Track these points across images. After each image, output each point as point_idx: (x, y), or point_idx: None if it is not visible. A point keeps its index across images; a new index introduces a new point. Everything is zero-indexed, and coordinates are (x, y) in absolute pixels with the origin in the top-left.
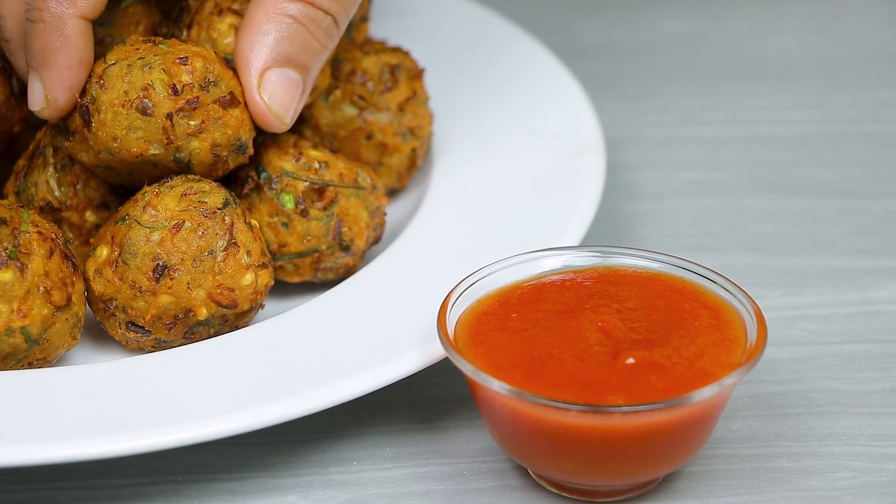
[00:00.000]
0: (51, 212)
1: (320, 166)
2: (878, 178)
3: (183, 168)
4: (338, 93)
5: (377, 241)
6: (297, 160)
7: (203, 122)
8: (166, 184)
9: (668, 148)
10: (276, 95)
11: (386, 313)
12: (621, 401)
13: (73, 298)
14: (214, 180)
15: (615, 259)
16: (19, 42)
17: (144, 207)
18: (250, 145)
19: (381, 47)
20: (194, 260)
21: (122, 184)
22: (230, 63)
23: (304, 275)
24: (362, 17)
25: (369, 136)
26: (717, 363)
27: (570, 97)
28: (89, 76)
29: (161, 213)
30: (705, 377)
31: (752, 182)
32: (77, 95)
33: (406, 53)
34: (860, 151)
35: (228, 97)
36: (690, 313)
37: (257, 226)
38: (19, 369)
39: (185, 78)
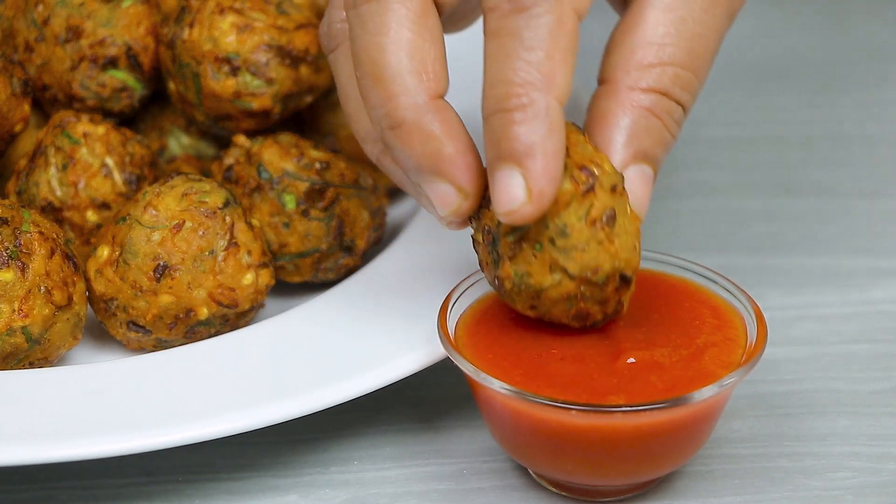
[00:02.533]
0: (52, 211)
1: (321, 167)
2: (878, 178)
3: None
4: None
5: (378, 241)
6: (298, 160)
7: None
8: (167, 183)
9: None
10: (635, 193)
11: (386, 313)
12: (622, 400)
13: (74, 298)
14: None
15: None
16: (414, 127)
17: (145, 207)
18: None
19: None
20: (195, 260)
21: None
22: (232, 61)
23: (304, 275)
24: None
25: None
26: (718, 363)
27: (569, 97)
28: None
29: (162, 212)
30: (706, 377)
31: (753, 182)
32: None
33: None
34: (861, 152)
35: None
36: (691, 312)
37: (258, 226)
38: (20, 369)
39: None
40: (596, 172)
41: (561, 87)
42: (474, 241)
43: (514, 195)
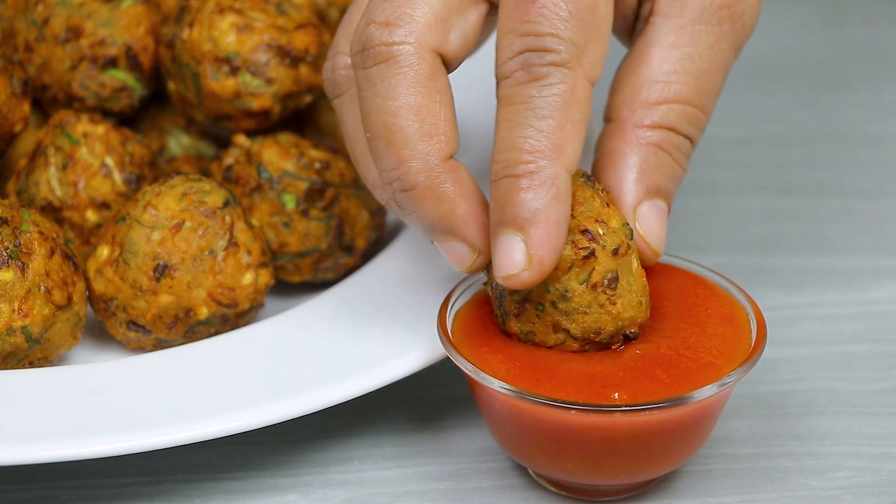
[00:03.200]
0: (52, 211)
1: (321, 166)
2: (878, 177)
3: None
4: None
5: (378, 241)
6: (298, 160)
7: None
8: (167, 183)
9: None
10: (651, 230)
11: (386, 313)
12: (624, 394)
13: (74, 298)
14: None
15: None
16: (427, 190)
17: (145, 207)
18: None
19: None
20: (195, 259)
21: None
22: (232, 61)
23: (304, 274)
24: None
25: None
26: (725, 356)
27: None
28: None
29: (161, 212)
30: (711, 370)
31: (754, 182)
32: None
33: None
34: (861, 151)
35: None
36: (702, 300)
37: (258, 225)
38: (20, 368)
39: None
40: (601, 232)
41: (570, 156)
42: (486, 285)
43: (515, 260)
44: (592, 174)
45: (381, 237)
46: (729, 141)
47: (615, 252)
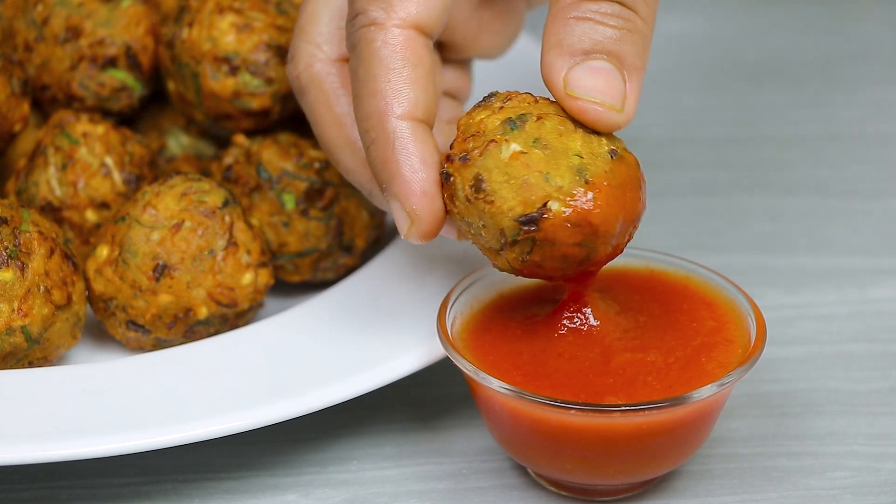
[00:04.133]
0: (51, 211)
1: (321, 166)
2: (878, 177)
3: None
4: None
5: (377, 240)
6: (297, 160)
7: None
8: (166, 183)
9: (669, 147)
10: (584, 86)
11: (385, 313)
12: (620, 400)
13: (74, 298)
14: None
15: (615, 258)
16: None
17: (144, 207)
18: None
19: None
20: (194, 259)
21: None
22: (231, 61)
23: (303, 274)
24: None
25: None
26: (716, 362)
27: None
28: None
29: (161, 212)
30: (703, 377)
31: (752, 181)
32: (436, 200)
33: None
34: (860, 151)
35: None
36: (689, 313)
37: (257, 225)
38: (20, 368)
39: None
40: (453, 150)
41: (404, 105)
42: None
43: (401, 224)
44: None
45: (381, 237)
46: (726, 140)
47: (464, 159)
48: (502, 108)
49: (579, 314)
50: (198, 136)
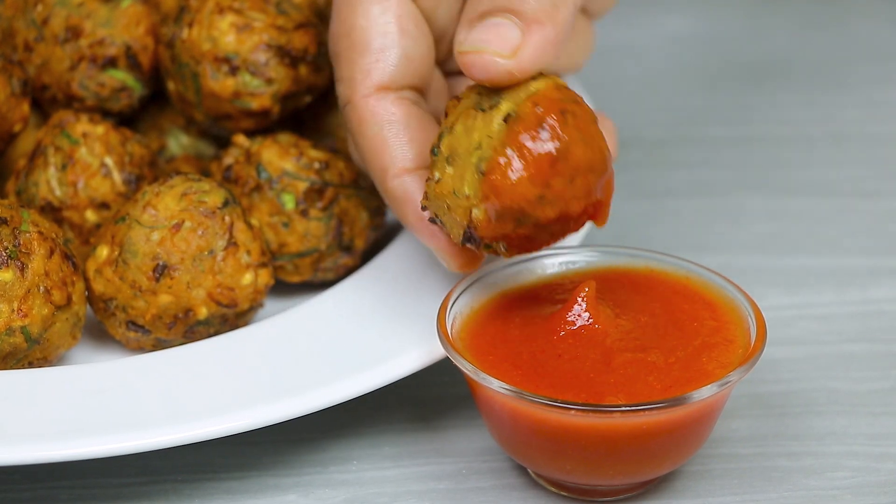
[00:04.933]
0: (51, 211)
1: (321, 166)
2: (878, 177)
3: None
4: None
5: (377, 241)
6: (297, 160)
7: None
8: (166, 183)
9: (668, 147)
10: (472, 40)
11: (385, 313)
12: (621, 401)
13: (74, 298)
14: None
15: (615, 259)
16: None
17: (144, 207)
18: None
19: None
20: (194, 259)
21: None
22: (231, 61)
23: (303, 274)
24: None
25: None
26: (717, 363)
27: None
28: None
29: (161, 212)
30: (704, 377)
31: (753, 182)
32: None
33: None
34: (860, 151)
35: None
36: (690, 314)
37: (257, 225)
38: (20, 369)
39: None
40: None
41: (388, 167)
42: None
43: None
44: None
45: (381, 237)
46: (727, 140)
47: (433, 153)
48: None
49: (580, 315)
50: (198, 137)
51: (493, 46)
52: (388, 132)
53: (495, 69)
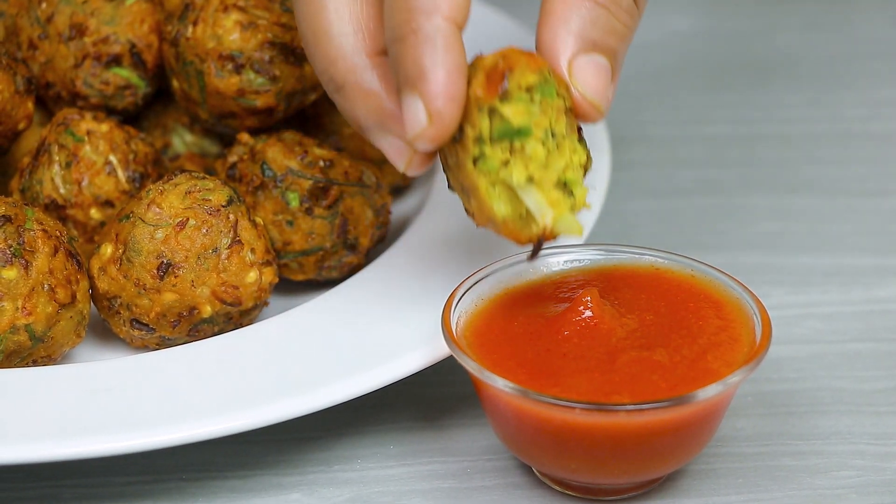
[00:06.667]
0: (55, 209)
1: (325, 164)
2: (883, 176)
3: None
4: None
5: (382, 239)
6: (302, 158)
7: None
8: (171, 181)
9: (674, 146)
10: (588, 82)
11: (390, 311)
12: (626, 399)
13: (78, 296)
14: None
15: (620, 257)
16: (354, 87)
17: (149, 205)
18: None
19: None
20: (198, 257)
21: None
22: (236, 59)
23: (308, 273)
24: None
25: None
26: (722, 361)
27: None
28: None
29: (165, 210)
30: (709, 375)
31: (758, 180)
32: (460, 109)
33: None
34: (866, 150)
35: None
36: (695, 312)
37: (262, 223)
38: (24, 367)
39: None
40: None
41: (451, 6)
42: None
43: (418, 119)
44: (536, 37)
45: (385, 236)
46: (732, 139)
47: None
48: (504, 97)
49: (584, 313)
50: (202, 135)
51: (600, 101)
52: (370, 8)
53: (591, 120)
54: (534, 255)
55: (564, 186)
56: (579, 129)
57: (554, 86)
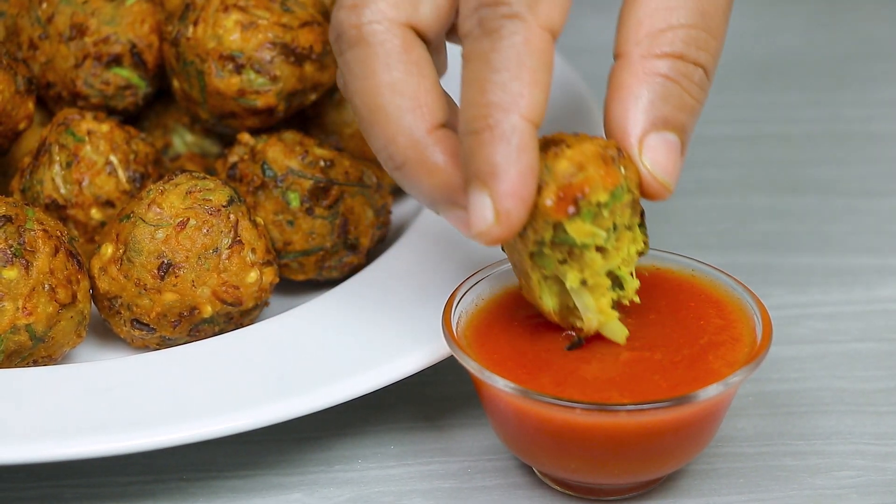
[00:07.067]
0: (56, 209)
1: (326, 164)
2: (884, 176)
3: None
4: None
5: (382, 239)
6: (302, 158)
7: None
8: (171, 181)
9: None
10: (658, 161)
11: (390, 311)
12: (626, 399)
13: (78, 296)
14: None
15: None
16: (417, 164)
17: (149, 205)
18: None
19: None
20: (199, 257)
21: None
22: (236, 59)
23: (308, 273)
24: None
25: None
26: (723, 361)
27: (574, 96)
28: None
29: (166, 210)
30: (710, 375)
31: (758, 180)
32: (529, 210)
33: None
34: (866, 150)
35: None
36: (696, 312)
37: (262, 223)
38: (24, 367)
39: None
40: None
41: (530, 106)
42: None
43: (484, 216)
44: (604, 113)
45: (386, 235)
46: (733, 139)
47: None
48: (575, 207)
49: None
50: (203, 135)
51: (669, 180)
52: (546, 77)
53: (658, 198)
54: (571, 348)
55: (616, 279)
56: (642, 214)
57: (625, 189)
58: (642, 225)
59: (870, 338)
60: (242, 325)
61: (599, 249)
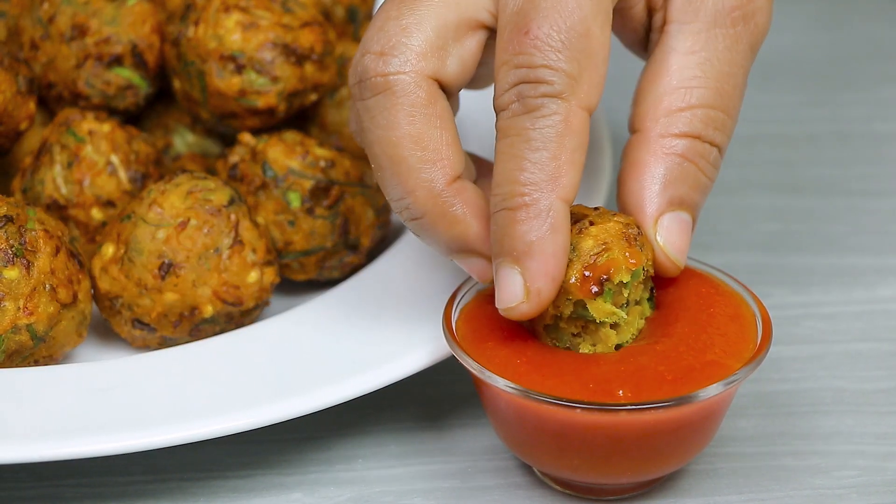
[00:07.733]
0: (57, 209)
1: (326, 165)
2: (884, 176)
3: None
4: (343, 91)
5: (383, 239)
6: (303, 158)
7: None
8: (172, 181)
9: None
10: (672, 241)
11: (391, 311)
12: (629, 392)
13: (79, 296)
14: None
15: None
16: (437, 216)
17: (150, 205)
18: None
19: None
20: (200, 257)
21: None
22: (237, 59)
23: (309, 273)
24: (367, 16)
25: None
26: (729, 353)
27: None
28: None
29: (167, 210)
30: (715, 368)
31: (759, 180)
32: (558, 287)
33: None
34: (867, 150)
35: None
36: (707, 300)
37: (263, 224)
38: (25, 367)
39: None
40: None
41: (566, 187)
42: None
43: (514, 293)
44: (618, 186)
45: (387, 236)
46: (734, 139)
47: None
48: (598, 288)
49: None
50: (203, 135)
51: (680, 258)
52: (582, 158)
53: (669, 274)
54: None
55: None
56: (652, 288)
57: (644, 269)
58: (651, 298)
59: (870, 338)
60: (243, 325)
61: (613, 326)
